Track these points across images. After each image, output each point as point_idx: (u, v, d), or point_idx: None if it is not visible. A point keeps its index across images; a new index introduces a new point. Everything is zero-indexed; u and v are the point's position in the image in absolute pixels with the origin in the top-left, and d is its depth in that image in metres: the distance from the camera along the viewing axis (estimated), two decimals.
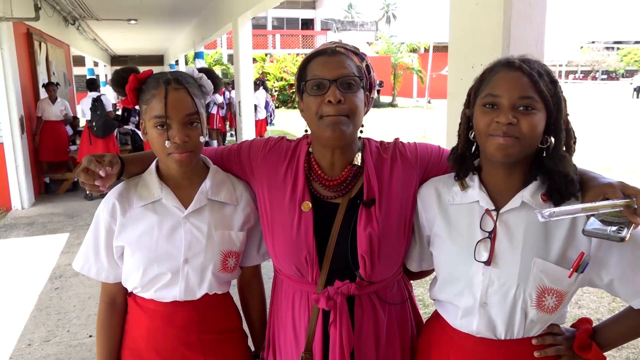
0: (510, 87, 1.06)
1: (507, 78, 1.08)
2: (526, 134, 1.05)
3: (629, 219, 0.96)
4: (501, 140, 1.06)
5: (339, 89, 1.17)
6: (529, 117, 1.05)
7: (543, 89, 1.05)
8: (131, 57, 23.01)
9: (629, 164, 9.42)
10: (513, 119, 1.05)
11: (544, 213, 0.99)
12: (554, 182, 1.09)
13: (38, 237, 5.42)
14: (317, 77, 1.19)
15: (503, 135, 1.06)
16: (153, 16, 11.12)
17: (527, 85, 1.06)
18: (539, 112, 1.06)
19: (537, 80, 1.05)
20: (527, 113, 1.05)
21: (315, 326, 1.24)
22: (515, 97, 1.06)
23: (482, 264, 1.12)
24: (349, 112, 1.18)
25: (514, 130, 1.05)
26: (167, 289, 1.30)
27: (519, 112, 1.05)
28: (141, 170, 1.36)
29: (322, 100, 1.18)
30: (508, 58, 1.12)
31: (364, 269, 1.21)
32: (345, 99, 1.18)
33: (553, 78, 1.09)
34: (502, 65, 1.11)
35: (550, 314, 1.11)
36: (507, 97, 1.06)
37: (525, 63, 1.08)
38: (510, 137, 1.05)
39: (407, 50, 25.05)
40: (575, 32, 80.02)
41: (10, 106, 6.28)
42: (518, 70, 1.07)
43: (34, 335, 3.29)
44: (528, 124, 1.05)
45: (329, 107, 1.17)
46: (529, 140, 1.06)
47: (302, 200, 1.25)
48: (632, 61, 58.29)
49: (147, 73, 1.29)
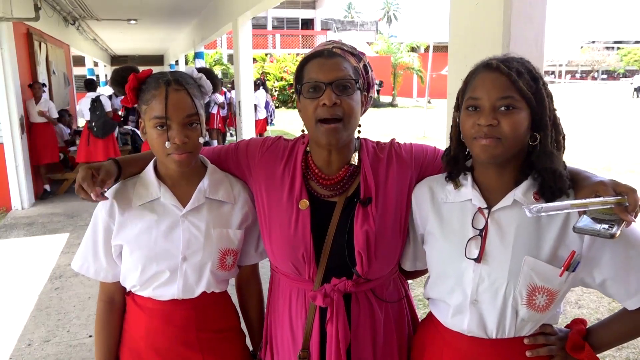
0: (489, 89, 1.08)
1: (486, 80, 1.09)
2: (508, 134, 1.06)
3: (619, 216, 0.97)
4: (484, 141, 1.07)
5: (335, 91, 1.18)
6: (510, 117, 1.06)
7: (523, 87, 1.06)
8: (131, 57, 23.01)
9: (629, 164, 9.42)
10: (493, 121, 1.06)
11: (532, 209, 0.99)
12: (544, 179, 1.09)
13: (38, 237, 5.42)
14: (312, 80, 1.20)
15: (485, 137, 1.07)
16: (153, 16, 11.13)
17: (506, 85, 1.06)
18: (520, 111, 1.07)
19: (515, 79, 1.06)
20: (508, 113, 1.06)
21: (313, 324, 1.25)
22: (494, 98, 1.07)
23: (473, 262, 1.12)
24: (344, 115, 1.19)
25: (495, 132, 1.06)
26: (166, 287, 1.31)
27: (500, 113, 1.06)
28: (139, 171, 1.36)
29: (318, 103, 1.19)
30: (489, 59, 1.12)
31: (361, 266, 1.22)
32: (341, 101, 1.19)
33: (535, 75, 1.09)
34: (482, 66, 1.12)
35: (541, 312, 1.11)
36: (487, 98, 1.07)
37: (504, 62, 1.08)
38: (492, 139, 1.06)
39: (407, 50, 25.05)
40: (575, 32, 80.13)
41: (10, 106, 6.28)
42: (496, 71, 1.08)
43: (34, 335, 3.30)
44: (509, 123, 1.06)
45: (324, 109, 1.18)
46: (511, 140, 1.07)
47: (299, 198, 1.26)
48: (632, 61, 58.30)
49: (146, 72, 1.29)
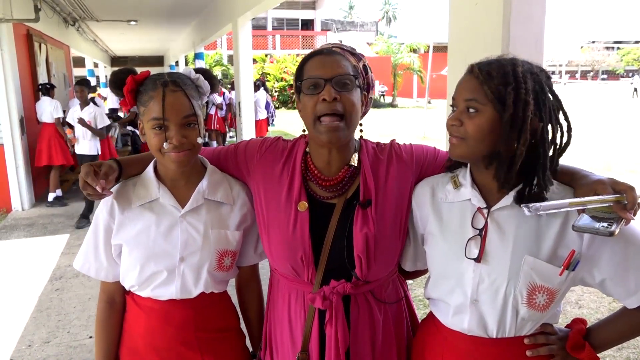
0: (461, 90, 1.13)
1: (462, 82, 1.14)
2: (471, 134, 1.09)
3: (618, 214, 0.97)
4: (453, 140, 1.13)
5: (334, 87, 1.18)
6: (473, 118, 1.09)
7: (487, 90, 1.07)
8: (131, 58, 23.03)
9: (629, 164, 9.42)
10: (456, 121, 1.11)
11: (531, 207, 1.00)
12: (525, 183, 1.10)
13: (38, 238, 5.42)
14: (312, 76, 1.21)
15: (451, 135, 1.13)
16: (153, 17, 11.14)
17: (473, 87, 1.10)
18: (483, 113, 1.08)
19: (482, 81, 1.08)
20: (472, 115, 1.09)
21: (312, 326, 1.25)
22: (462, 100, 1.11)
23: (473, 261, 1.12)
24: (344, 111, 1.19)
25: (459, 131, 1.11)
26: (164, 287, 1.31)
27: (465, 114, 1.10)
28: (139, 172, 1.37)
29: (318, 99, 1.19)
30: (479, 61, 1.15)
31: (360, 269, 1.22)
32: (341, 97, 1.19)
33: (508, 80, 1.06)
34: (467, 69, 1.15)
35: (541, 312, 1.11)
36: (459, 100, 1.12)
37: (482, 65, 1.11)
38: (457, 137, 1.11)
39: (407, 50, 25.06)
40: (575, 32, 80.00)
41: (10, 107, 6.28)
42: (470, 73, 1.12)
43: (34, 336, 3.30)
44: (472, 125, 1.08)
45: (323, 105, 1.18)
46: (474, 141, 1.09)
47: (298, 200, 1.26)
48: (632, 60, 58.29)
49: (144, 74, 1.29)
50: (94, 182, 1.22)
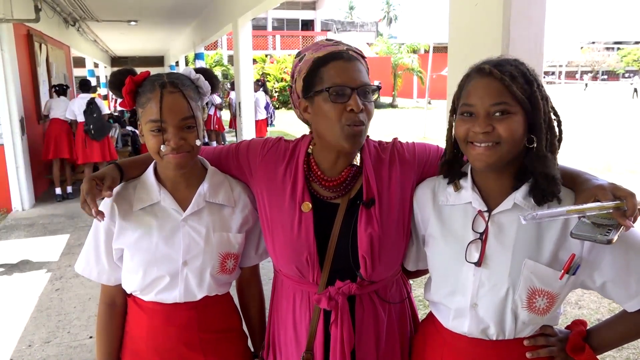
0: (483, 95, 1.06)
1: (479, 86, 1.08)
2: (505, 137, 1.05)
3: (618, 221, 0.96)
4: (481, 150, 1.07)
5: (360, 97, 1.18)
6: (505, 122, 1.05)
7: (516, 91, 1.04)
8: (131, 58, 22.99)
9: (629, 164, 9.42)
10: (488, 127, 1.05)
11: (526, 216, 0.98)
12: (536, 182, 1.08)
13: (38, 238, 5.42)
14: (338, 84, 1.18)
15: (481, 143, 1.06)
16: (153, 17, 11.13)
17: (499, 91, 1.05)
18: (515, 115, 1.05)
19: (509, 83, 1.04)
20: (502, 118, 1.05)
21: (317, 326, 1.24)
22: (488, 105, 1.06)
23: (473, 265, 1.12)
24: (367, 120, 1.20)
25: (492, 137, 1.05)
26: (167, 292, 1.30)
27: (495, 119, 1.05)
28: (140, 174, 1.36)
29: (344, 107, 1.17)
30: (482, 62, 1.11)
31: (365, 269, 1.21)
32: (364, 107, 1.19)
33: (529, 78, 1.07)
34: (475, 71, 1.11)
35: (541, 315, 1.10)
36: (481, 105, 1.07)
37: (497, 67, 1.07)
38: (489, 146, 1.06)
39: (407, 50, 25.04)
40: (575, 32, 79.95)
41: (10, 107, 6.28)
42: (489, 75, 1.06)
43: (35, 336, 3.29)
44: (505, 128, 1.05)
45: (351, 115, 1.17)
46: (509, 145, 1.06)
47: (301, 200, 1.25)
48: (632, 61, 58.25)
49: (143, 75, 1.27)
50: (92, 205, 1.21)
